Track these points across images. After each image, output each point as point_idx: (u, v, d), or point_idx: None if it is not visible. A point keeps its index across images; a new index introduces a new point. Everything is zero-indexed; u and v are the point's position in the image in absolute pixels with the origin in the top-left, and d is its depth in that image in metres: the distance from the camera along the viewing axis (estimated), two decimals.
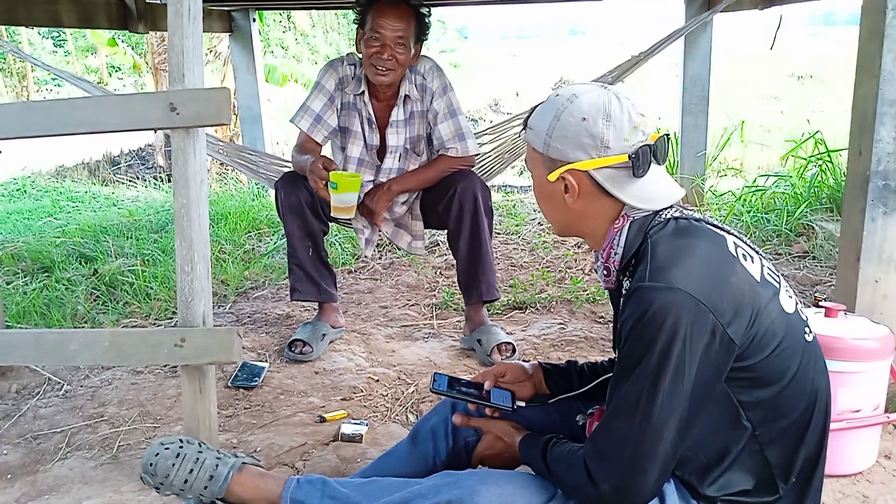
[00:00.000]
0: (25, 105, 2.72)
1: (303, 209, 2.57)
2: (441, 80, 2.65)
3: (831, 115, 9.18)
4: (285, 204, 2.57)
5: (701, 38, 4.46)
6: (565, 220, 1.34)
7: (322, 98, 2.63)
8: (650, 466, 1.14)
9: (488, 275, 2.66)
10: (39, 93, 14.93)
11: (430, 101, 2.64)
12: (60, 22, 3.91)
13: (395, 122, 2.65)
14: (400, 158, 2.70)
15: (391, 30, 2.45)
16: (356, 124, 2.66)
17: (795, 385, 1.21)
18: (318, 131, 2.64)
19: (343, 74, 2.64)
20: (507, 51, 31.35)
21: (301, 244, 2.63)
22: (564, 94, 1.26)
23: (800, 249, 3.66)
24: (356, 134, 2.67)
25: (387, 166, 2.69)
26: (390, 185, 2.63)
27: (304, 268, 2.67)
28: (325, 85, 2.64)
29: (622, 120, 1.21)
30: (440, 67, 2.68)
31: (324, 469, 1.93)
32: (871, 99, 1.99)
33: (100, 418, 2.26)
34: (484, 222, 2.58)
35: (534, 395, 1.58)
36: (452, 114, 2.65)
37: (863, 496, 1.79)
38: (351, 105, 2.66)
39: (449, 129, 2.64)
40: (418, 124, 2.68)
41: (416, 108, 2.65)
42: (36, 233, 4.70)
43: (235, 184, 5.97)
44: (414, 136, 2.68)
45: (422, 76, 2.63)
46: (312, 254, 2.66)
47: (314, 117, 2.63)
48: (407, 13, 2.49)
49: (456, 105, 2.67)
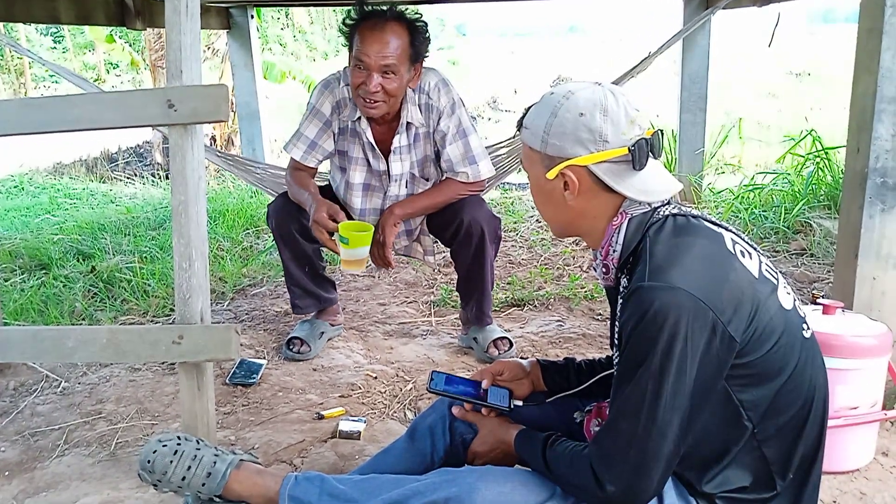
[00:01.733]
0: (23, 102, 2.71)
1: (294, 238, 2.48)
2: (449, 96, 2.40)
3: (830, 113, 9.19)
4: (277, 233, 2.50)
5: (699, 35, 4.46)
6: (564, 219, 1.33)
7: (317, 123, 2.43)
8: (655, 466, 1.14)
9: (484, 304, 2.62)
10: (37, 89, 14.91)
11: (438, 120, 2.40)
12: (58, 18, 3.90)
13: (397, 150, 2.42)
14: (406, 185, 2.50)
15: (376, 58, 2.18)
16: (356, 150, 2.45)
17: (794, 381, 1.21)
18: (313, 157, 2.45)
19: (339, 97, 2.40)
20: (506, 48, 31.31)
21: (295, 266, 2.59)
22: (560, 91, 1.27)
23: (798, 247, 3.67)
24: (357, 160, 2.47)
25: (393, 193, 2.49)
26: (393, 209, 2.42)
27: (301, 285, 2.64)
28: (320, 109, 2.42)
29: (619, 114, 1.22)
30: (447, 82, 2.42)
31: (322, 466, 1.93)
32: (870, 96, 1.99)
33: (97, 415, 2.26)
34: (489, 254, 2.47)
35: (531, 392, 1.59)
36: (462, 134, 2.41)
37: (860, 493, 1.80)
38: (349, 130, 2.44)
39: (458, 151, 2.41)
40: (424, 146, 2.46)
41: (420, 132, 2.43)
42: (33, 230, 4.69)
43: (233, 181, 5.96)
44: (420, 160, 2.47)
45: (426, 95, 2.38)
46: (309, 271, 2.63)
47: (308, 144, 2.44)
48: (397, 34, 2.21)
49: (466, 124, 2.42)
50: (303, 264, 2.60)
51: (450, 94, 2.41)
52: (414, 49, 2.26)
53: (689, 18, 4.41)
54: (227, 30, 5.33)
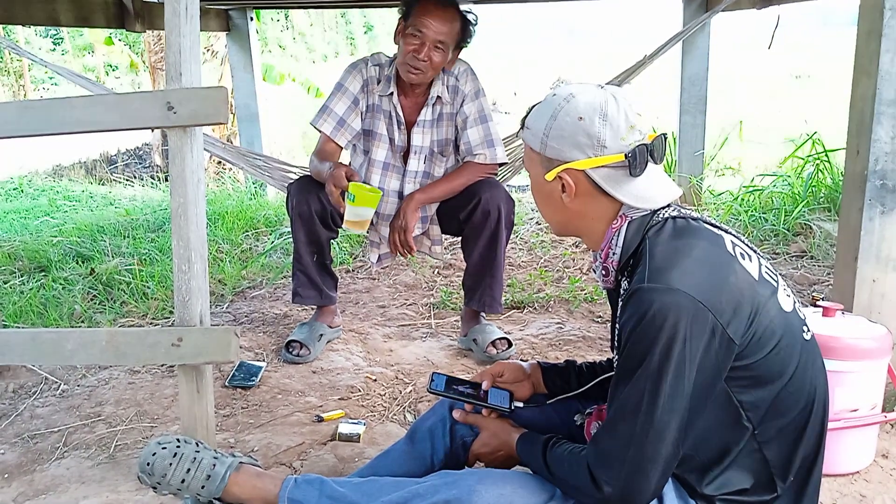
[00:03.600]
0: (22, 104, 2.72)
1: (312, 218, 2.51)
2: (474, 84, 2.58)
3: (829, 115, 9.19)
4: (295, 210, 2.52)
5: (699, 37, 4.46)
6: (563, 220, 1.34)
7: (346, 101, 2.55)
8: (653, 468, 1.14)
9: (495, 290, 2.64)
10: (36, 92, 14.89)
11: (461, 104, 2.56)
12: (58, 21, 3.90)
13: (422, 122, 2.56)
14: (425, 161, 2.61)
15: (434, 31, 2.37)
16: (381, 126, 2.58)
17: (794, 384, 1.21)
18: (342, 135, 2.56)
19: (368, 76, 2.56)
20: (506, 50, 31.31)
21: (306, 250, 2.60)
22: (561, 93, 1.26)
23: (797, 249, 3.67)
24: (381, 136, 2.58)
25: (411, 168, 2.60)
26: (414, 195, 2.52)
27: (307, 273, 2.65)
28: (348, 87, 2.55)
29: (619, 119, 1.21)
30: (474, 71, 2.60)
31: (321, 469, 1.93)
32: (869, 99, 1.99)
33: (97, 418, 2.25)
34: (503, 236, 2.52)
35: (532, 395, 1.59)
36: (483, 119, 2.57)
37: (860, 495, 1.80)
38: (377, 107, 2.57)
39: (478, 134, 2.56)
40: (447, 127, 2.60)
41: (445, 111, 2.58)
42: (33, 232, 4.69)
43: (233, 183, 5.97)
44: (442, 139, 2.61)
45: (455, 78, 2.56)
46: (317, 259, 2.64)
47: (337, 120, 2.54)
48: (453, 17, 2.41)
49: (487, 111, 2.58)
50: (313, 251, 2.61)
51: (475, 82, 2.59)
52: (462, 36, 2.47)
53: (689, 20, 4.41)
54: (226, 32, 5.33)
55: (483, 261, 2.58)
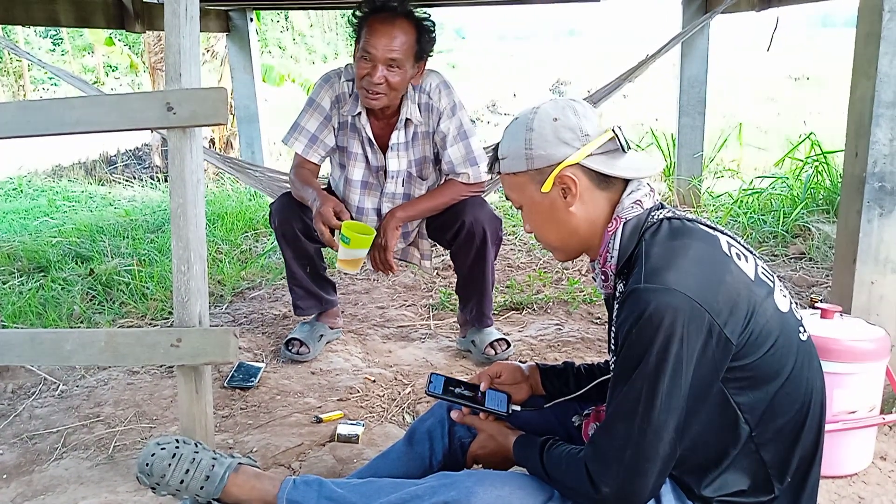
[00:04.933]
0: (22, 104, 2.72)
1: (297, 237, 2.47)
2: (449, 98, 2.42)
3: (828, 117, 9.20)
4: (279, 232, 2.48)
5: (698, 39, 4.47)
6: (568, 232, 1.32)
7: (317, 117, 2.44)
8: (650, 468, 1.14)
9: (484, 306, 2.63)
10: (36, 92, 14.89)
11: (438, 121, 2.41)
12: (58, 21, 3.91)
13: (395, 146, 2.44)
14: (403, 184, 2.52)
15: (382, 50, 2.21)
16: (356, 146, 2.47)
17: (791, 384, 1.22)
18: (315, 152, 2.46)
19: (339, 92, 2.43)
20: (505, 51, 31.32)
21: (298, 265, 2.59)
22: (523, 112, 1.32)
23: (796, 251, 3.67)
24: (356, 156, 2.48)
25: (389, 191, 2.51)
26: (395, 212, 2.42)
27: (303, 286, 2.64)
28: (320, 103, 2.43)
29: (587, 112, 1.28)
30: (448, 84, 2.44)
31: (320, 470, 1.93)
32: (868, 101, 1.99)
33: (96, 418, 2.26)
34: (490, 255, 2.48)
35: (530, 396, 1.59)
36: (463, 136, 2.42)
37: (858, 497, 1.80)
38: (349, 125, 2.46)
39: (459, 152, 2.42)
40: (423, 146, 2.47)
41: (420, 130, 2.44)
42: (32, 232, 4.69)
43: (232, 184, 5.96)
44: (419, 159, 2.49)
45: (427, 95, 2.40)
46: (310, 271, 2.63)
47: (309, 137, 2.45)
48: (404, 30, 2.23)
49: (467, 127, 2.44)
50: (304, 264, 2.60)
51: (451, 97, 2.43)
52: (419, 46, 2.29)
53: (689, 22, 4.42)
54: (226, 33, 5.34)
55: (472, 279, 2.56)
